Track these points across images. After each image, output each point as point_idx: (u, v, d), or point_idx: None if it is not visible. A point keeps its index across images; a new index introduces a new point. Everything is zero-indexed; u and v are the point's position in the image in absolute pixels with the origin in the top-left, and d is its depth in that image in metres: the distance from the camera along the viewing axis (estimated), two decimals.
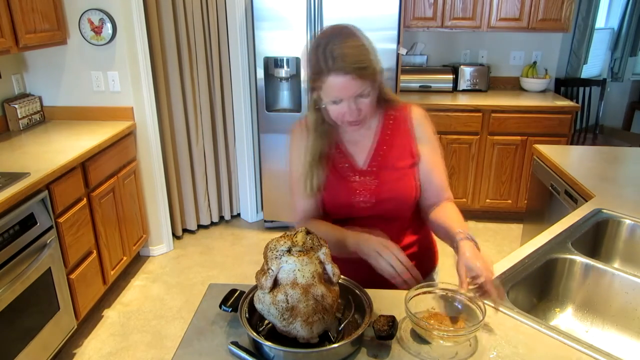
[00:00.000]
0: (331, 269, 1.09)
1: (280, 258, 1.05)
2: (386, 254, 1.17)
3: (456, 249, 1.18)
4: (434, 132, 1.39)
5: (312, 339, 1.05)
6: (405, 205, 1.38)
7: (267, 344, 1.01)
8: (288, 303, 1.03)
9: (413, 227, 1.44)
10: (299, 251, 1.06)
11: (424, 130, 1.37)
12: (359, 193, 1.34)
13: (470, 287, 1.12)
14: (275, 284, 1.06)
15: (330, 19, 3.20)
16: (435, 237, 1.50)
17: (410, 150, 1.36)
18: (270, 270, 1.06)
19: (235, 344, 1.07)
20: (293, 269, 1.04)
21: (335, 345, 1.02)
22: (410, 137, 1.36)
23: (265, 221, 3.81)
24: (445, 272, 1.53)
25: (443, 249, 1.46)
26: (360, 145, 1.36)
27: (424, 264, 1.47)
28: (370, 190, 1.34)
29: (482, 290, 1.10)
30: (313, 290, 1.04)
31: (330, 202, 1.38)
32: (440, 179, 1.37)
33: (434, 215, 1.35)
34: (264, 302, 1.06)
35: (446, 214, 1.32)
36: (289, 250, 1.06)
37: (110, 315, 2.80)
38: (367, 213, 1.36)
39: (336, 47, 1.15)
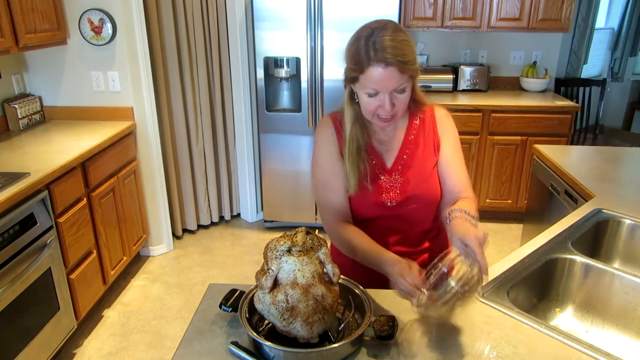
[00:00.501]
0: (331, 269, 1.09)
1: (280, 258, 1.05)
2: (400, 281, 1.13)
3: (449, 225, 1.18)
4: (455, 131, 1.40)
5: (312, 339, 1.05)
6: (430, 205, 1.38)
7: (267, 343, 1.01)
8: (288, 303, 1.03)
9: (433, 232, 1.44)
10: (299, 251, 1.06)
11: (446, 128, 1.38)
12: (387, 192, 1.35)
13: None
14: (275, 284, 1.06)
15: (330, 19, 3.21)
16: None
17: (435, 148, 1.37)
18: (270, 270, 1.06)
19: (235, 344, 1.07)
20: (293, 269, 1.04)
21: (335, 345, 1.02)
22: (434, 135, 1.37)
23: (265, 221, 3.81)
24: None
25: None
26: (388, 145, 1.37)
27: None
28: (397, 189, 1.35)
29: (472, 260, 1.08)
30: (313, 290, 1.04)
31: (358, 201, 1.36)
32: (460, 175, 1.36)
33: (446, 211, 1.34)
34: (264, 302, 1.06)
35: (457, 203, 1.29)
36: (289, 250, 1.06)
37: (110, 315, 2.80)
38: (392, 212, 1.36)
39: (380, 39, 1.15)
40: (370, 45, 1.16)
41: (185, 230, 3.73)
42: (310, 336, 1.05)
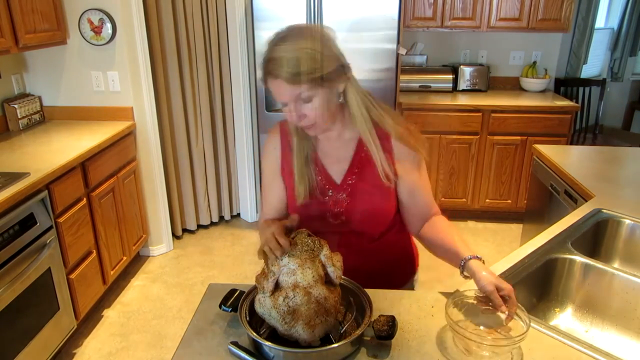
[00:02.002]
0: (332, 270, 1.09)
1: (281, 260, 1.05)
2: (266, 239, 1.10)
3: (464, 267, 1.16)
4: (418, 148, 1.28)
5: (314, 342, 1.05)
6: (379, 224, 1.33)
7: (267, 344, 1.01)
8: (289, 306, 1.03)
9: (388, 235, 1.38)
10: (300, 253, 1.06)
11: (405, 150, 1.27)
12: (332, 208, 1.29)
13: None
14: (277, 286, 1.06)
15: (330, 19, 3.20)
16: (415, 243, 1.47)
17: (389, 170, 1.27)
18: (271, 273, 1.05)
19: (235, 344, 1.07)
20: (294, 271, 1.04)
21: (335, 345, 1.02)
22: (389, 156, 1.27)
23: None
24: (443, 272, 1.52)
25: (426, 255, 1.43)
26: (335, 159, 1.30)
27: (402, 269, 1.45)
28: (343, 206, 1.29)
29: (507, 304, 1.08)
30: (315, 292, 1.04)
31: (302, 214, 1.27)
32: (426, 197, 1.32)
33: (428, 233, 1.31)
34: (264, 306, 1.06)
35: (443, 231, 1.28)
36: (288, 253, 1.06)
37: (110, 315, 2.80)
38: (338, 229, 1.30)
39: (272, 48, 1.12)
40: (266, 55, 1.14)
41: (185, 230, 3.73)
42: (312, 339, 1.04)
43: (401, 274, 1.45)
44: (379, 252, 1.38)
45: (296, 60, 1.10)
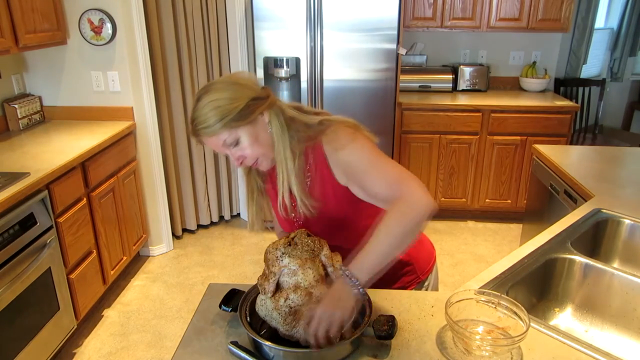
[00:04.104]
0: (333, 270, 1.09)
1: (282, 261, 1.05)
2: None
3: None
4: (349, 143, 1.20)
5: None
6: (345, 233, 1.30)
7: (267, 343, 1.01)
8: (291, 307, 1.03)
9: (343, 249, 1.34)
10: (300, 253, 1.06)
11: (339, 160, 1.21)
12: (295, 223, 1.34)
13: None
14: (277, 287, 1.06)
15: (330, 19, 3.21)
16: (428, 249, 1.48)
17: (329, 185, 1.25)
18: (272, 274, 1.05)
19: (235, 343, 1.07)
20: (295, 272, 1.04)
21: (335, 345, 1.02)
22: (327, 169, 1.24)
23: (265, 221, 3.80)
24: (443, 272, 1.52)
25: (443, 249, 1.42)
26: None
27: (397, 274, 1.41)
28: (302, 220, 1.31)
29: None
30: (316, 292, 1.04)
31: (280, 227, 1.44)
32: (381, 187, 1.17)
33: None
34: (266, 308, 1.06)
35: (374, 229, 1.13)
36: (289, 253, 1.06)
37: (110, 315, 2.80)
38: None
39: (192, 112, 1.19)
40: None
41: (185, 230, 3.74)
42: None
43: (398, 277, 1.43)
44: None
45: (205, 115, 1.15)
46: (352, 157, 1.20)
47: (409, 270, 1.43)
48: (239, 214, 4.01)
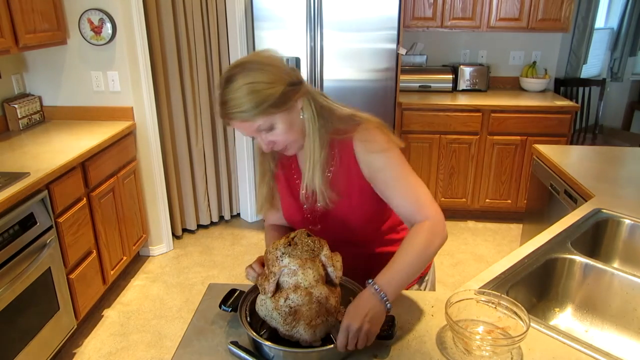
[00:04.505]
0: (333, 270, 1.09)
1: (282, 261, 1.05)
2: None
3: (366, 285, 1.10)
4: (382, 147, 1.21)
5: (315, 342, 1.05)
6: (359, 229, 1.32)
7: (267, 343, 1.01)
8: (291, 307, 1.03)
9: (385, 235, 1.38)
10: (300, 253, 1.06)
11: (371, 162, 1.22)
12: (307, 213, 1.33)
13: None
14: (277, 287, 1.06)
15: (330, 18, 3.21)
16: None
17: (356, 180, 1.25)
18: (272, 274, 1.05)
19: (235, 343, 1.07)
20: (295, 272, 1.04)
21: (334, 344, 1.02)
22: (355, 165, 1.24)
23: (264, 221, 3.80)
24: (443, 272, 1.52)
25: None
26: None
27: None
28: (318, 213, 1.30)
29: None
30: (316, 292, 1.04)
31: (285, 216, 1.39)
32: (404, 202, 1.20)
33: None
34: (266, 308, 1.06)
35: (400, 246, 1.16)
36: (289, 253, 1.05)
37: (110, 315, 2.80)
38: (319, 233, 1.25)
39: (222, 94, 1.12)
40: (218, 101, 1.15)
41: (185, 230, 3.73)
42: (313, 339, 1.04)
43: None
44: (374, 253, 1.38)
45: (240, 99, 1.09)
46: (384, 165, 1.21)
47: None
48: (239, 214, 4.00)
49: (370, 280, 1.08)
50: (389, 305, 1.06)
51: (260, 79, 1.10)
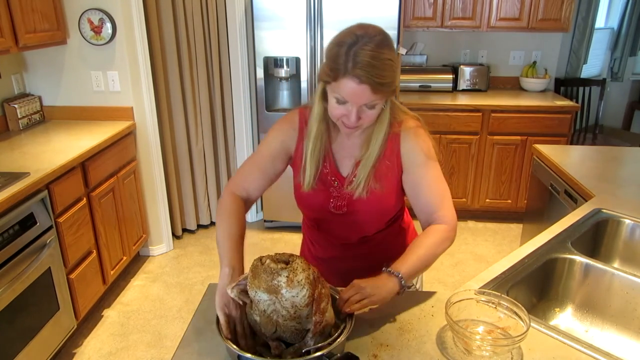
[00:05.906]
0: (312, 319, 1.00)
1: (277, 290, 0.98)
2: (222, 318, 1.05)
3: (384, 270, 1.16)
4: (425, 147, 1.28)
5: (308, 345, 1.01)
6: (378, 220, 1.37)
7: (247, 355, 0.96)
8: (264, 312, 1.00)
9: (387, 233, 1.42)
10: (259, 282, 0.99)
11: (415, 156, 1.28)
12: (335, 199, 1.32)
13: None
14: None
15: (330, 18, 3.20)
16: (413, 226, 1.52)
17: (394, 173, 1.30)
18: (250, 291, 1.00)
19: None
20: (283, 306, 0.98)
21: (317, 354, 0.96)
22: (397, 158, 1.29)
23: (265, 221, 3.81)
24: (443, 272, 1.52)
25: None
26: (348, 153, 1.32)
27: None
28: (346, 199, 1.31)
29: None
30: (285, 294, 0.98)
31: (304, 202, 1.36)
32: (429, 196, 1.27)
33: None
34: (252, 319, 1.03)
35: (417, 240, 1.24)
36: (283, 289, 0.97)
37: (110, 315, 2.80)
38: (339, 219, 1.35)
39: (362, 52, 1.07)
40: (350, 55, 1.08)
41: (185, 230, 3.73)
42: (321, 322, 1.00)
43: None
44: (374, 252, 1.40)
45: (382, 70, 1.09)
46: (425, 162, 1.27)
47: None
48: None
49: (388, 269, 1.14)
50: (403, 282, 1.13)
51: (394, 59, 1.14)
